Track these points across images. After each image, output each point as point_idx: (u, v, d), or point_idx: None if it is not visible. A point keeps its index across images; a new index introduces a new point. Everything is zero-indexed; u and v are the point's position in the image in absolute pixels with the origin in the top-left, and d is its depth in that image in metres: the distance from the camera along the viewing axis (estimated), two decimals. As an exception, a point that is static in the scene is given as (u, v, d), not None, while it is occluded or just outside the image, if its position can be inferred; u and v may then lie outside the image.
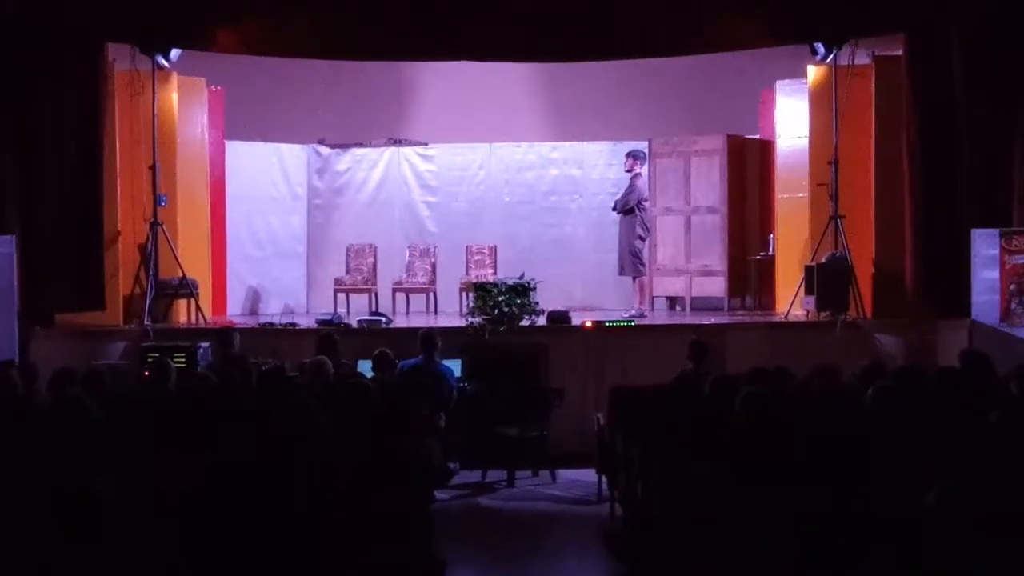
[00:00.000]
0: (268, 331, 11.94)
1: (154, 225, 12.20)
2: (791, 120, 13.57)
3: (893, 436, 5.78)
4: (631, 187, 13.23)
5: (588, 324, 11.80)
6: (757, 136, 14.53)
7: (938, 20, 11.92)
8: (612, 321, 12.06)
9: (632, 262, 13.19)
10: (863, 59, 12.45)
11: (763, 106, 14.34)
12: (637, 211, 13.10)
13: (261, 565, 4.88)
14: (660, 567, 6.48)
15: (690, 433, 6.47)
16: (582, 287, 14.69)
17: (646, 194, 13.32)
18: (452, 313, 13.59)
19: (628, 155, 13.43)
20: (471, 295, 12.25)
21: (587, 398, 10.81)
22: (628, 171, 13.34)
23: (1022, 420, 6.19)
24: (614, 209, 13.36)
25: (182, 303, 12.71)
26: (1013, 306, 11.02)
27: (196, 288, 12.65)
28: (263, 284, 14.62)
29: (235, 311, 14.11)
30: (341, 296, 14.07)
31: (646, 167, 13.75)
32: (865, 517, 4.63)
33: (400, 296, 14.31)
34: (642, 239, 13.21)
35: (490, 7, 12.19)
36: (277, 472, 5.33)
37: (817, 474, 5.27)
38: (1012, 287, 11.06)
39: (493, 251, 14.53)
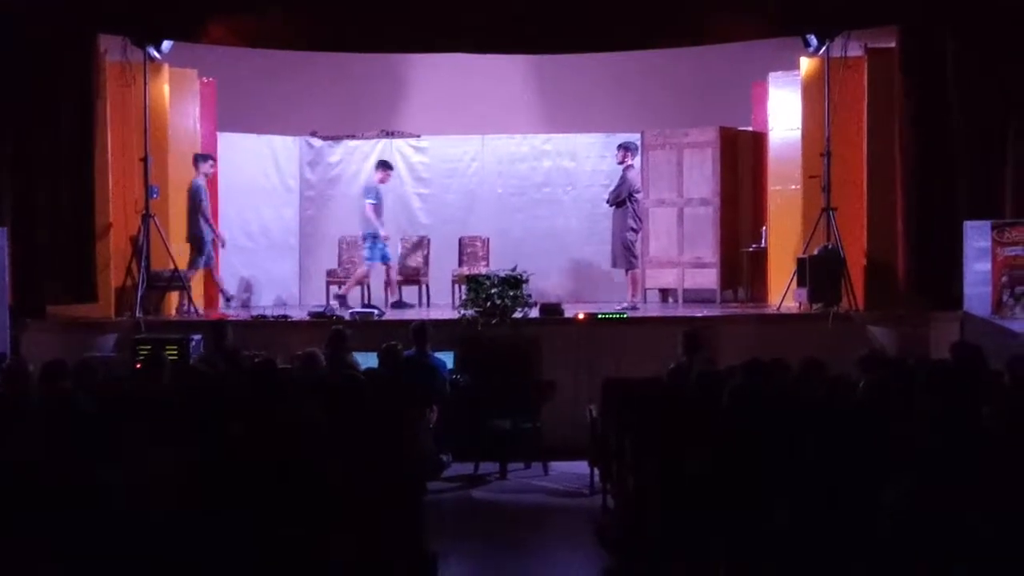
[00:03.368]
0: (260, 323, 11.93)
1: (146, 217, 12.17)
2: (783, 112, 13.57)
3: (884, 429, 5.79)
4: (622, 179, 13.21)
5: (581, 316, 11.79)
6: (750, 128, 14.53)
7: (931, 12, 11.93)
8: (605, 313, 12.06)
9: (624, 255, 13.17)
10: (856, 51, 12.46)
11: (755, 98, 14.34)
12: (629, 203, 13.07)
13: (254, 557, 4.88)
14: (652, 560, 6.48)
15: (681, 425, 6.47)
16: (575, 279, 14.69)
17: (638, 186, 13.28)
18: (444, 305, 13.58)
19: (619, 147, 13.40)
20: (463, 287, 12.25)
21: (580, 390, 10.79)
22: (620, 163, 13.31)
23: (1015, 413, 6.19)
24: (608, 202, 13.36)
25: (174, 295, 12.70)
26: (1005, 298, 11.04)
27: (188, 280, 12.63)
28: (255, 276, 14.60)
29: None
30: (333, 288, 14.05)
31: (638, 159, 13.73)
32: (855, 510, 4.63)
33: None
34: (634, 231, 13.18)
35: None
36: (269, 465, 5.32)
37: (809, 467, 5.27)
38: (1004, 279, 11.08)
39: (486, 243, 14.52)
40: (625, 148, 13.34)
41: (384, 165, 13.90)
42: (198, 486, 5.07)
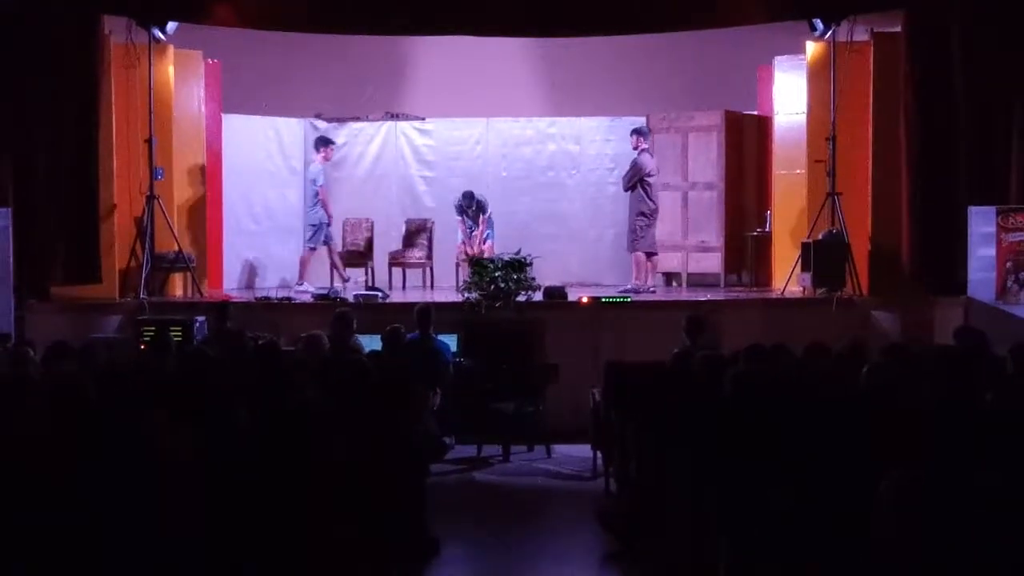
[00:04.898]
0: (264, 305, 11.94)
1: (150, 198, 12.18)
2: (789, 96, 13.52)
3: (887, 414, 5.79)
4: (632, 164, 13.22)
5: (584, 300, 11.79)
6: (755, 112, 14.50)
7: (937, -3, 11.92)
8: (608, 297, 12.06)
9: (629, 237, 13.21)
10: (862, 35, 12.43)
11: (761, 82, 14.30)
12: (641, 187, 13.08)
13: (257, 539, 4.89)
14: (654, 543, 6.50)
15: (683, 410, 6.48)
16: (579, 263, 14.65)
17: (648, 169, 13.19)
18: (448, 288, 13.56)
19: (632, 132, 13.43)
20: (468, 270, 12.23)
21: (583, 374, 10.77)
22: (634, 148, 13.31)
23: (1018, 398, 6.20)
24: (623, 188, 13.38)
25: (178, 277, 12.72)
26: (1009, 284, 11.04)
27: (192, 262, 12.65)
28: (259, 258, 14.60)
29: (231, 285, 14.09)
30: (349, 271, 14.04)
31: (648, 142, 13.60)
32: (857, 495, 4.64)
33: (396, 271, 14.31)
34: (644, 215, 13.12)
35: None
36: (273, 448, 5.33)
37: (812, 451, 5.28)
38: (1008, 265, 11.08)
39: (490, 226, 14.49)
40: (637, 133, 13.35)
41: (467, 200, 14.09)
42: (204, 470, 5.08)
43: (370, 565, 5.52)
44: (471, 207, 13.87)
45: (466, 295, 11.68)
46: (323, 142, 13.75)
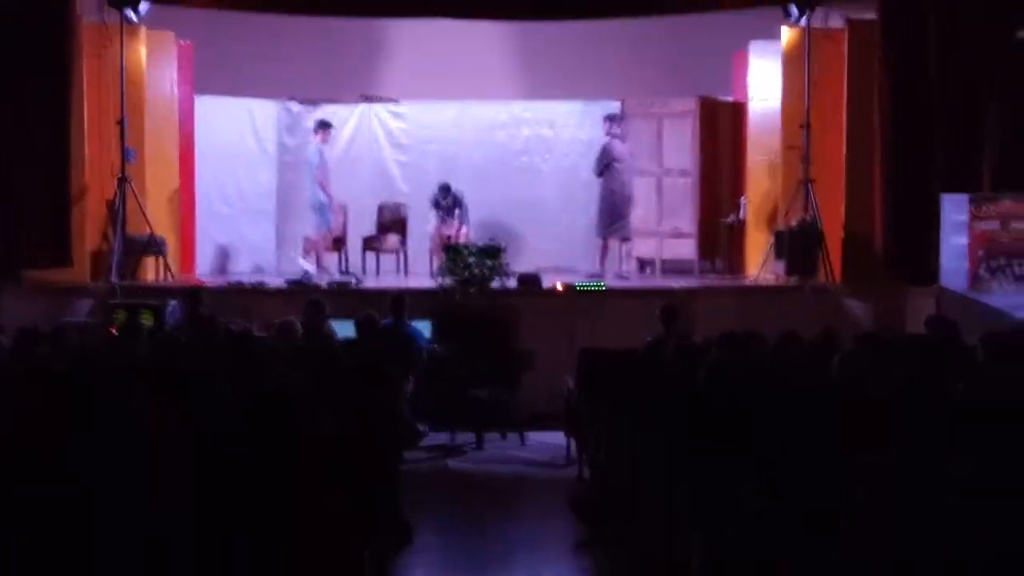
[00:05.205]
0: (237, 290, 11.88)
1: (122, 181, 12.08)
2: (764, 82, 13.50)
3: (859, 403, 5.80)
4: (601, 148, 13.27)
5: (559, 287, 11.78)
6: (730, 98, 14.49)
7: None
8: (582, 284, 12.05)
9: (598, 224, 13.30)
10: (837, 22, 12.45)
11: (736, 68, 14.28)
12: (608, 172, 13.12)
13: (231, 524, 4.88)
14: (626, 531, 6.51)
15: (655, 397, 6.48)
16: (552, 248, 14.61)
17: (614, 154, 13.21)
18: (422, 274, 13.52)
19: (604, 118, 13.46)
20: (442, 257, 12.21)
21: (558, 360, 10.75)
22: (606, 134, 13.34)
23: (989, 387, 6.24)
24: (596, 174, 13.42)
25: (150, 260, 12.63)
26: (981, 272, 11.08)
27: (164, 245, 12.57)
28: (232, 241, 14.51)
29: (204, 269, 14.02)
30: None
31: (620, 128, 13.58)
32: (829, 483, 4.66)
33: (370, 256, 14.26)
34: (603, 200, 13.20)
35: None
36: (246, 434, 5.31)
37: (781, 441, 5.29)
38: (981, 253, 11.12)
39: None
40: (609, 119, 13.38)
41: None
42: (175, 451, 5.06)
43: (344, 552, 5.51)
44: (445, 199, 13.81)
45: (440, 281, 11.65)
46: (322, 125, 13.61)
